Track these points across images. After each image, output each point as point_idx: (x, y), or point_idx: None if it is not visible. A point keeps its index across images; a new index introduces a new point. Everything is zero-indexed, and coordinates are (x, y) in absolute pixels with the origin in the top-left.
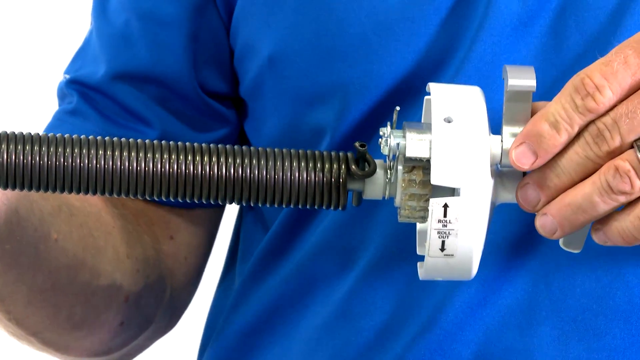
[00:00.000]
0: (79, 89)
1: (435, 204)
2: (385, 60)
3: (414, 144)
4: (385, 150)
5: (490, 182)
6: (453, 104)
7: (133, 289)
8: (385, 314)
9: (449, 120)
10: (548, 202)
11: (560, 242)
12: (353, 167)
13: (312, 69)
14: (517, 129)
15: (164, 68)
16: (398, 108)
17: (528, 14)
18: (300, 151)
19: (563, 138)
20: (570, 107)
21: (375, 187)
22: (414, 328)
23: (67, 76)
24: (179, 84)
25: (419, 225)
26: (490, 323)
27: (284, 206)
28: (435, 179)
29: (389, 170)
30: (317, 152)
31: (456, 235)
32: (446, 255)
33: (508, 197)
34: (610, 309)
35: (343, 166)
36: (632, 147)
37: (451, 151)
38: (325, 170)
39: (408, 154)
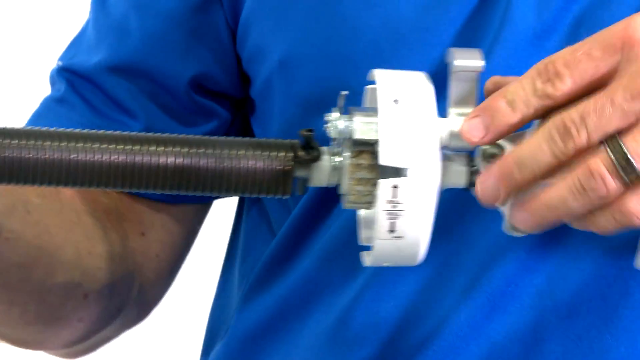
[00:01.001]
0: (69, 77)
1: (384, 185)
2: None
3: (362, 127)
4: (333, 134)
5: (439, 162)
6: (399, 87)
7: (94, 286)
8: (388, 323)
9: (395, 101)
10: (508, 196)
11: (506, 226)
12: (300, 152)
13: (322, 74)
14: (464, 110)
15: (157, 62)
16: (344, 92)
17: (544, 28)
18: (246, 139)
19: (517, 117)
20: (529, 89)
21: (321, 174)
22: (417, 339)
23: (60, 63)
24: (169, 80)
25: (362, 213)
26: (495, 337)
27: (230, 195)
28: (384, 159)
29: (336, 156)
30: (263, 140)
31: (405, 216)
32: (395, 237)
33: (454, 181)
34: (617, 327)
35: (289, 153)
36: (601, 146)
37: (399, 131)
38: (272, 157)
39: (356, 137)
